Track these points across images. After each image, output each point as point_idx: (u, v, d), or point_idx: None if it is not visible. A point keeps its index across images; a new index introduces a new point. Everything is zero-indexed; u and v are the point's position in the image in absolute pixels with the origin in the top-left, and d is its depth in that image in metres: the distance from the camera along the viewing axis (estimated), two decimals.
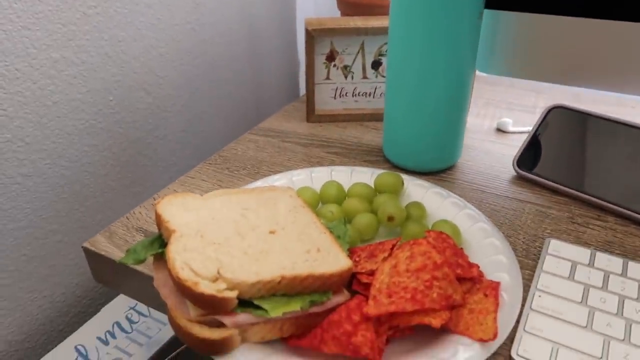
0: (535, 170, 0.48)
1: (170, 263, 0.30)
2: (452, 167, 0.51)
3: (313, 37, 0.56)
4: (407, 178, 0.46)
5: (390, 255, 0.33)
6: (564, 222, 0.43)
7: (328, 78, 0.59)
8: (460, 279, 0.33)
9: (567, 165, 0.47)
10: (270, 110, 0.88)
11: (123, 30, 0.58)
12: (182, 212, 0.35)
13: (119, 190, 0.63)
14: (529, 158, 0.49)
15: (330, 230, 0.36)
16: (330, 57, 0.58)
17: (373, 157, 0.53)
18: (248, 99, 0.82)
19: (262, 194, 0.39)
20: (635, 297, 0.34)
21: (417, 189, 0.45)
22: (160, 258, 0.34)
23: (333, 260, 0.32)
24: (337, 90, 0.60)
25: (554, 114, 0.51)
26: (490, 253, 0.37)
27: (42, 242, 0.55)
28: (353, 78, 0.59)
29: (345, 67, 0.59)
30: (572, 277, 0.36)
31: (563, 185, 0.46)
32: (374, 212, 0.41)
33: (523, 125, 0.59)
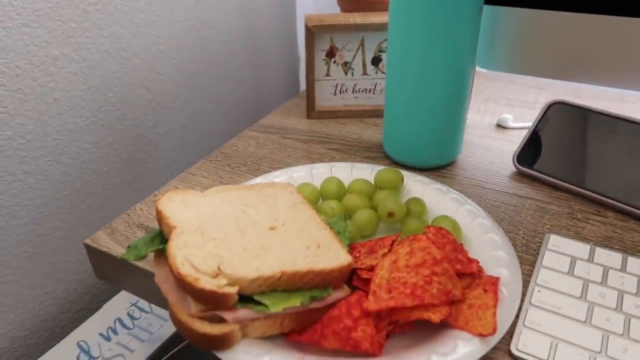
0: (536, 166, 0.48)
1: (171, 259, 0.30)
2: (452, 163, 0.51)
3: (313, 33, 0.56)
4: (407, 174, 0.46)
5: (390, 251, 0.34)
6: (564, 217, 0.43)
7: (328, 74, 0.59)
8: (460, 275, 0.33)
9: (567, 161, 0.47)
10: (271, 107, 0.88)
11: (123, 27, 0.58)
12: (182, 208, 0.35)
13: (120, 187, 0.63)
14: (529, 154, 0.49)
15: (331, 226, 0.36)
16: (330, 53, 0.58)
17: (373, 153, 0.54)
18: (248, 96, 0.82)
19: (262, 190, 0.39)
20: (634, 292, 0.34)
21: (417, 185, 0.45)
22: (161, 254, 0.34)
23: (333, 256, 0.32)
24: (337, 87, 0.60)
25: (554, 110, 0.51)
26: (490, 248, 0.37)
27: (43, 238, 0.55)
28: (353, 74, 0.59)
29: (345, 63, 0.59)
30: (571, 272, 0.36)
31: (563, 181, 0.46)
32: (374, 208, 0.42)
33: (523, 121, 0.59)
